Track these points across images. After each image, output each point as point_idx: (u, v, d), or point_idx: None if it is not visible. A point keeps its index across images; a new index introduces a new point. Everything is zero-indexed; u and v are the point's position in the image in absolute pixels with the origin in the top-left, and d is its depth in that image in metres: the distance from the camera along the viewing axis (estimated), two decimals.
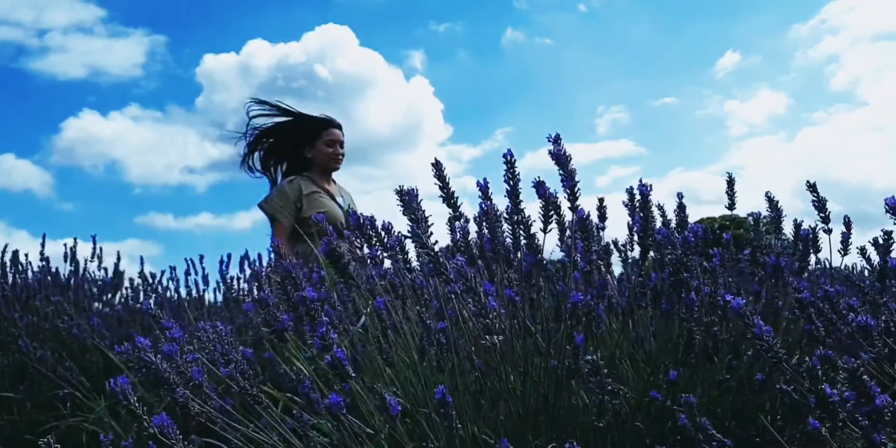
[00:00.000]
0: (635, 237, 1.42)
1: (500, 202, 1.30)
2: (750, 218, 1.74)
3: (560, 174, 1.20)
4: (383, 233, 1.32)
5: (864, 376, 0.85)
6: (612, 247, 1.76)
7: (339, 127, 3.20)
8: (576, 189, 1.19)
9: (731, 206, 1.67)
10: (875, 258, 1.42)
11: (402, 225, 1.32)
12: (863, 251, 1.43)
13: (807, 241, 1.48)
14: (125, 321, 2.83)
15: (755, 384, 1.29)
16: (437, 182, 1.27)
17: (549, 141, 1.22)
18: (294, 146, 3.14)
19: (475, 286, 1.05)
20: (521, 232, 1.19)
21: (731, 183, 1.67)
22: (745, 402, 1.32)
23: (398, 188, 1.26)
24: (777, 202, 1.55)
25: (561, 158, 1.20)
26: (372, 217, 1.33)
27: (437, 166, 1.27)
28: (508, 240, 1.25)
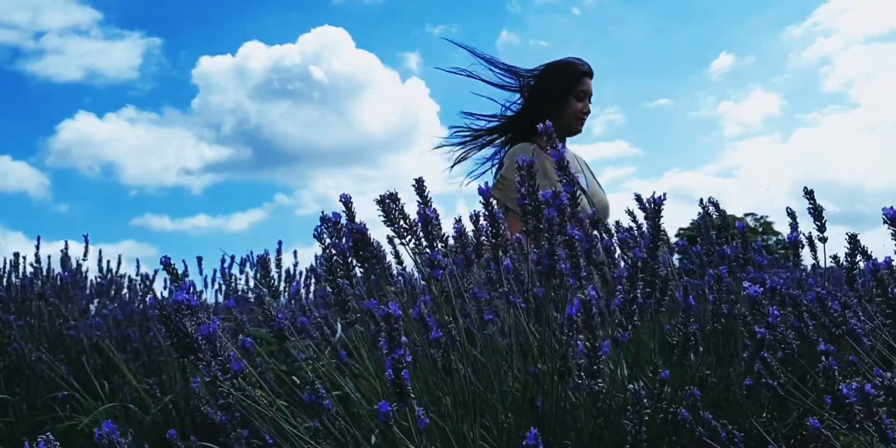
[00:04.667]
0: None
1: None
2: (748, 219, 1.77)
3: (560, 178, 1.18)
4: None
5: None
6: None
7: (592, 74, 2.44)
8: (577, 194, 1.18)
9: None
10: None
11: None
12: (835, 258, 1.41)
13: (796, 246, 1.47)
14: (122, 323, 2.83)
15: (745, 388, 1.30)
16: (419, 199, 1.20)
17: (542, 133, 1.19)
18: (538, 103, 2.40)
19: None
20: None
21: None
22: (735, 401, 1.33)
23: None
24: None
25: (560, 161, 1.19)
26: None
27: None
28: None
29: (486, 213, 1.21)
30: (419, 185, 1.20)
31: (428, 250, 1.17)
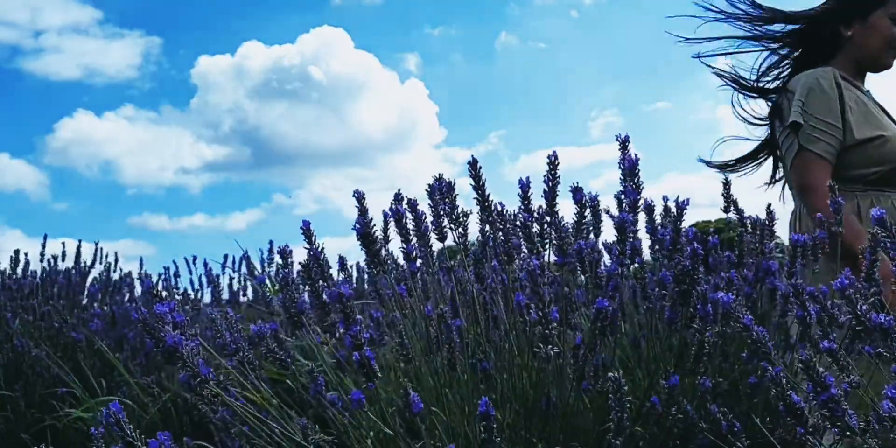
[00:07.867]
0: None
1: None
2: (740, 220, 1.76)
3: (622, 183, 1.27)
4: None
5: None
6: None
7: None
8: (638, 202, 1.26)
9: (727, 209, 1.72)
10: None
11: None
12: None
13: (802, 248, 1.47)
14: (119, 322, 2.82)
15: (748, 386, 1.31)
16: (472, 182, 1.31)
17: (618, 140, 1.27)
18: (831, 18, 1.79)
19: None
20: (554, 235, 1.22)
21: (726, 186, 1.70)
22: (738, 403, 1.34)
23: None
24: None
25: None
26: None
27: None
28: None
29: None
30: (473, 167, 1.32)
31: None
